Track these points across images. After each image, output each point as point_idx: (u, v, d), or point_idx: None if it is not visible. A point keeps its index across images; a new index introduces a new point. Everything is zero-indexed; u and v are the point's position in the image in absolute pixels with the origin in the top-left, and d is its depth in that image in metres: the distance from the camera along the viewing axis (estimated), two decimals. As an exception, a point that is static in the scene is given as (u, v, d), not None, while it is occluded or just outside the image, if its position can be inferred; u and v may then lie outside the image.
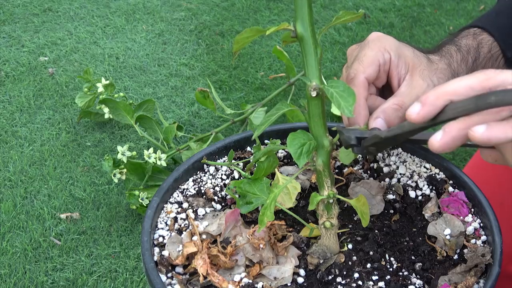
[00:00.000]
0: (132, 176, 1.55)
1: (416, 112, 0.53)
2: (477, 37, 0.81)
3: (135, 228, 1.53)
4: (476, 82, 0.51)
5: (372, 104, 0.72)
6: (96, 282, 1.40)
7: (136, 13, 2.30)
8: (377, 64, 0.71)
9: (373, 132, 0.64)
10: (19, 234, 1.50)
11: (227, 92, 1.95)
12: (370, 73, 0.71)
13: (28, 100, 1.90)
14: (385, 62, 0.72)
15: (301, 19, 0.60)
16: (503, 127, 0.49)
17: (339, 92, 0.59)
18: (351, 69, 0.71)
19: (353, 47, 0.77)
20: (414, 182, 0.77)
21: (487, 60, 0.80)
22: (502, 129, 0.49)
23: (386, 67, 0.72)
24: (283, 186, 0.69)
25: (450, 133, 0.52)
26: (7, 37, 2.16)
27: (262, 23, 2.26)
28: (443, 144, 0.52)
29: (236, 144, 0.82)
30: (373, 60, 0.71)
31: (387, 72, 0.73)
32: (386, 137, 0.61)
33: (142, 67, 2.05)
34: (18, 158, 1.70)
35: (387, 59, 0.72)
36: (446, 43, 0.81)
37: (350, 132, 0.65)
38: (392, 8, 2.35)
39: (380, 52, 0.72)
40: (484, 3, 2.41)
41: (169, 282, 0.65)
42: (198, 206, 0.75)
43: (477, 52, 0.80)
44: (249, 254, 0.67)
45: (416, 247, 0.70)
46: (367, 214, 0.67)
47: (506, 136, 0.49)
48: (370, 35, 0.74)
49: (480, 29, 0.82)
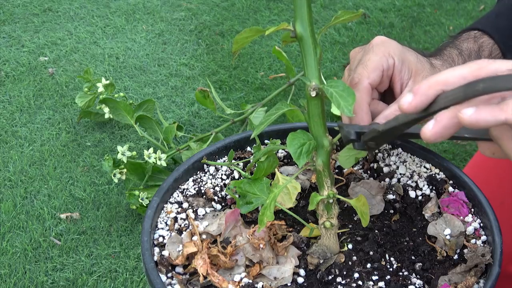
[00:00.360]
0: (132, 176, 1.55)
1: (408, 102, 0.52)
2: (477, 40, 0.81)
3: (135, 228, 1.53)
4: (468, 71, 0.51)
5: (374, 109, 0.72)
6: (96, 282, 1.40)
7: (136, 13, 2.30)
8: (381, 70, 0.71)
9: (372, 126, 0.64)
10: (19, 234, 1.50)
11: (227, 92, 1.95)
12: (374, 79, 0.71)
13: (28, 100, 1.90)
14: (388, 68, 0.72)
15: (300, 19, 0.60)
16: (491, 109, 0.48)
17: (338, 92, 0.59)
18: (355, 73, 0.71)
19: (357, 49, 0.77)
20: (414, 182, 0.77)
21: None
22: (491, 111, 0.48)
23: (390, 72, 0.72)
24: (283, 186, 0.69)
25: (441, 122, 0.51)
26: (7, 37, 2.16)
27: (262, 23, 2.26)
28: (435, 133, 0.52)
29: (236, 144, 0.82)
30: (377, 65, 0.71)
31: (390, 77, 0.73)
32: (383, 130, 0.61)
33: (142, 67, 2.05)
34: (18, 158, 1.70)
35: (391, 64, 0.72)
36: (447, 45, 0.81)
37: (350, 127, 0.65)
38: (392, 8, 2.35)
39: (384, 57, 0.71)
40: (484, 3, 2.41)
41: (169, 282, 0.65)
42: (198, 206, 0.75)
43: (478, 55, 0.80)
44: (249, 254, 0.67)
45: (416, 247, 0.70)
46: (367, 214, 0.67)
47: (494, 118, 0.48)
48: (374, 39, 0.74)
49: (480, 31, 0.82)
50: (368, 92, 0.70)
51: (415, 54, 0.74)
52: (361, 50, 0.75)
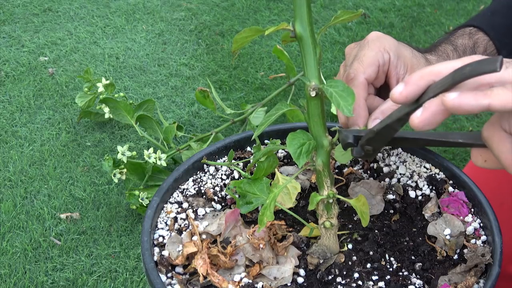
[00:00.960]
0: (132, 176, 1.55)
1: (399, 92, 0.52)
2: (472, 36, 0.81)
3: (135, 228, 1.53)
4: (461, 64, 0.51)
5: (371, 104, 0.72)
6: (96, 282, 1.40)
7: (136, 13, 2.30)
8: (377, 65, 0.71)
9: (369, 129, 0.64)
10: (19, 234, 1.50)
11: (227, 92, 1.95)
12: (370, 74, 0.71)
13: (28, 100, 1.90)
14: (384, 63, 0.72)
15: (300, 19, 0.60)
16: (475, 94, 0.48)
17: (338, 92, 0.59)
18: (350, 69, 0.71)
19: (352, 45, 0.77)
20: (414, 182, 0.77)
21: None
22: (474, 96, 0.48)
23: (386, 67, 0.72)
24: (283, 186, 0.69)
25: (429, 109, 0.51)
26: (7, 37, 2.16)
27: (262, 23, 2.26)
28: (423, 119, 0.51)
29: (236, 144, 0.82)
30: (373, 60, 0.71)
31: (386, 72, 0.73)
32: (378, 130, 0.60)
33: (142, 67, 2.05)
34: (18, 158, 1.70)
35: (387, 59, 0.72)
36: (442, 41, 0.81)
37: (348, 131, 0.65)
38: (392, 8, 2.35)
39: (380, 53, 0.71)
40: (484, 3, 2.41)
41: (169, 282, 0.65)
42: (198, 206, 0.75)
43: (473, 51, 0.80)
44: (249, 254, 0.67)
45: (416, 247, 0.70)
46: (367, 214, 0.67)
47: (477, 102, 0.48)
48: (370, 35, 0.74)
49: (475, 28, 0.82)
50: (364, 87, 0.70)
51: (410, 49, 0.74)
52: (356, 45, 0.75)
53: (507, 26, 0.83)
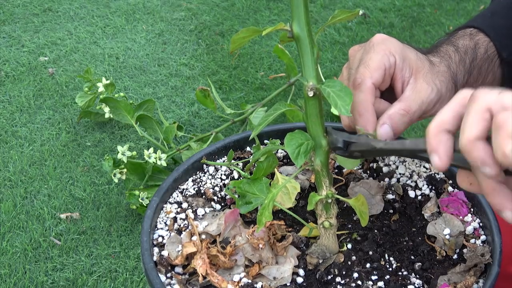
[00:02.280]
0: (132, 176, 1.55)
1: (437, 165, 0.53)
2: (473, 37, 0.81)
3: (135, 228, 1.53)
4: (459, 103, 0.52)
5: (377, 108, 0.71)
6: (96, 282, 1.40)
7: (136, 13, 2.30)
8: (383, 69, 0.70)
9: (364, 138, 0.64)
10: (19, 234, 1.50)
11: (227, 92, 1.95)
12: (377, 78, 0.70)
13: (28, 100, 1.90)
14: (390, 66, 0.71)
15: (297, 19, 0.60)
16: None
17: (336, 92, 0.59)
18: (357, 74, 0.70)
19: (356, 47, 0.76)
20: (413, 182, 0.77)
21: (483, 61, 0.80)
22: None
23: (391, 70, 0.71)
24: (281, 186, 0.69)
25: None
26: (7, 37, 2.16)
27: (262, 23, 2.26)
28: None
29: (236, 144, 0.82)
30: (379, 64, 0.70)
31: (391, 75, 0.72)
32: (381, 149, 0.60)
33: (142, 67, 2.05)
34: (18, 158, 1.70)
35: (393, 62, 0.71)
36: (442, 42, 0.81)
37: (339, 135, 0.65)
38: (392, 8, 2.35)
39: (386, 56, 0.70)
40: (484, 3, 2.41)
41: (169, 282, 0.65)
42: (197, 206, 0.75)
43: (474, 53, 0.79)
44: (248, 254, 0.67)
45: (415, 247, 0.70)
46: (366, 214, 0.67)
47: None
48: (374, 37, 0.73)
49: (476, 29, 0.82)
50: (372, 93, 0.69)
51: (415, 51, 0.74)
52: (360, 48, 0.75)
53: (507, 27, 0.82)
